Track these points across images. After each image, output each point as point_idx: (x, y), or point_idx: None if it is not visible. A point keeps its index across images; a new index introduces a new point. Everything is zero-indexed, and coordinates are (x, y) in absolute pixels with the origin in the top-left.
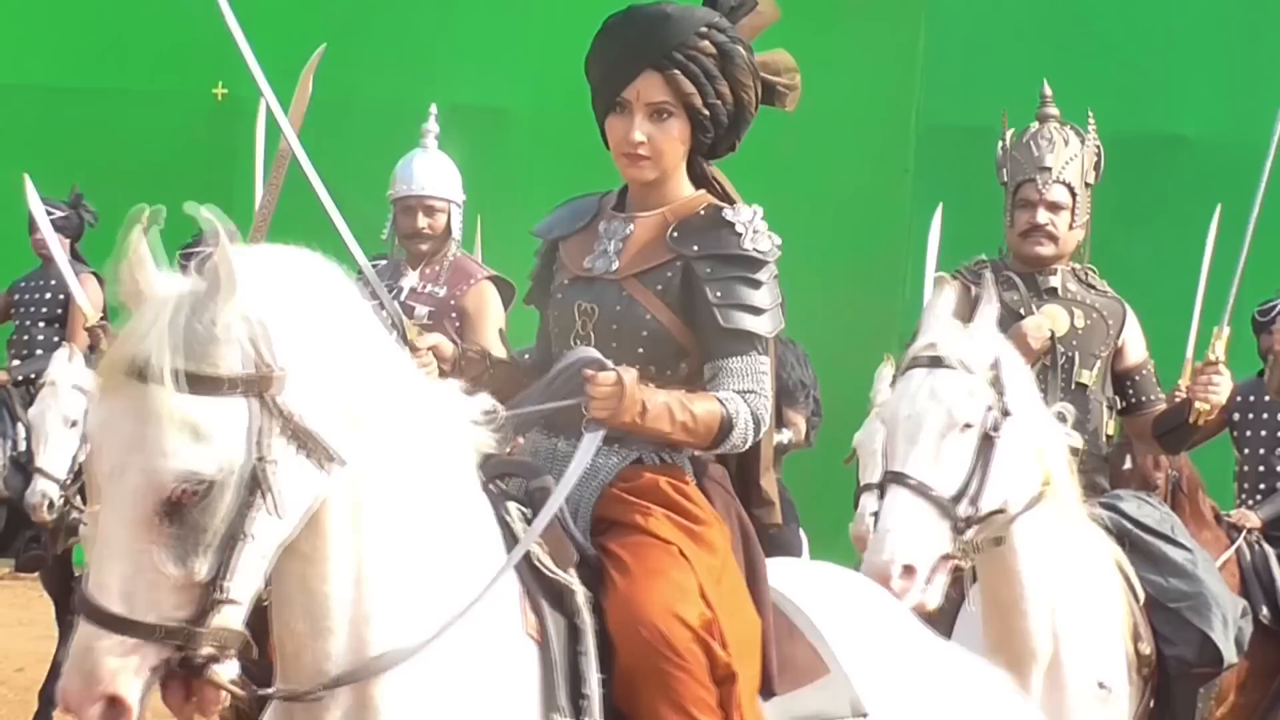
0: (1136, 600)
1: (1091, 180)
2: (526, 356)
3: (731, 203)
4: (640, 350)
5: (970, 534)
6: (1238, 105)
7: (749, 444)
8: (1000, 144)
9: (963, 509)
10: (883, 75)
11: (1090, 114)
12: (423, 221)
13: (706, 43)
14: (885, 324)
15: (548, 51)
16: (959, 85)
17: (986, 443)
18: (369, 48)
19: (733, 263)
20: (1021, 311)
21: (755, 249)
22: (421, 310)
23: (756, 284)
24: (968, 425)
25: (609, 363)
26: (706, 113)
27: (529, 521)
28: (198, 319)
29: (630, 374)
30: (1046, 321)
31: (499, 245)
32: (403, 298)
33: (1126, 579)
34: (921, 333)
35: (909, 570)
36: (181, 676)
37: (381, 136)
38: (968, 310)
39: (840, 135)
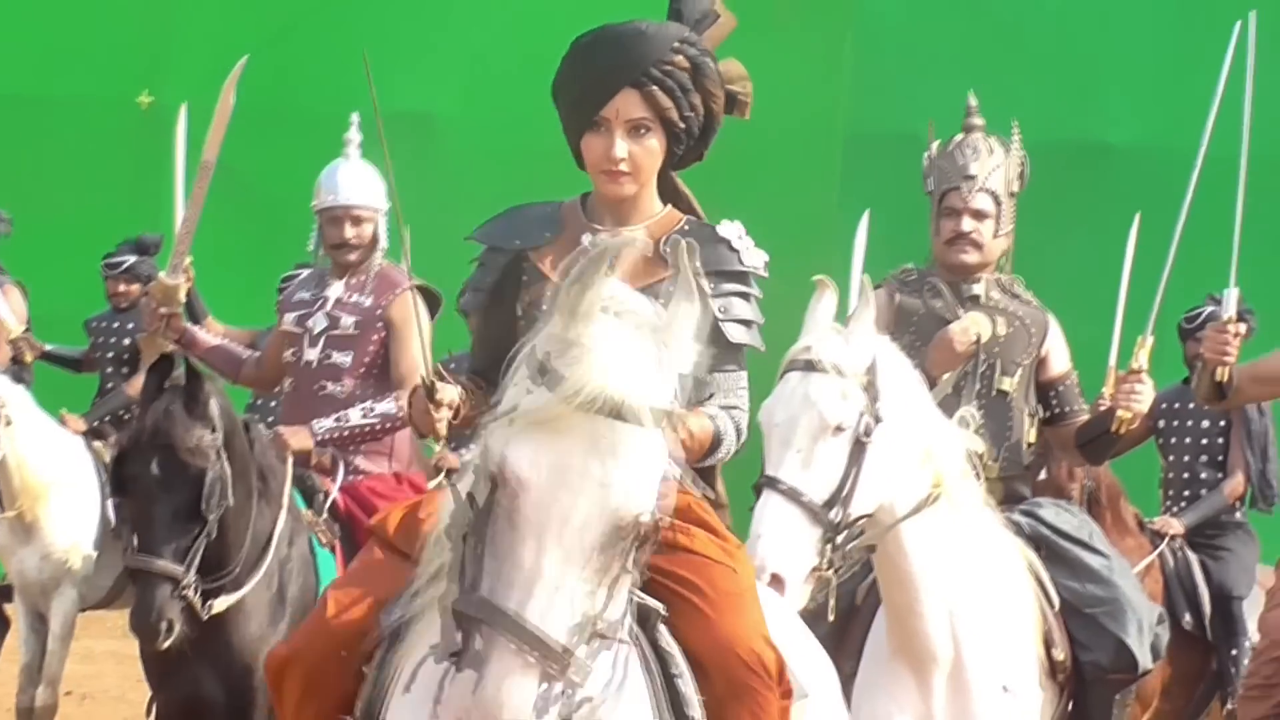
0: (1051, 606)
1: (1016, 189)
2: (453, 365)
3: (695, 214)
4: None
5: (841, 539)
6: (1162, 113)
7: (730, 457)
8: (926, 153)
9: (834, 514)
10: (810, 83)
11: (1015, 124)
12: (350, 232)
13: (681, 57)
14: None
15: (476, 58)
16: (886, 93)
17: (859, 447)
18: (298, 55)
19: (732, 278)
20: (947, 318)
21: (751, 265)
22: (348, 320)
23: (750, 298)
24: (839, 429)
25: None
26: (682, 126)
27: None
28: (660, 353)
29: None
30: (973, 326)
31: (426, 252)
32: (328, 308)
33: (1041, 584)
34: (801, 337)
35: (776, 579)
36: None
37: (312, 144)
38: (893, 318)
39: (768, 143)
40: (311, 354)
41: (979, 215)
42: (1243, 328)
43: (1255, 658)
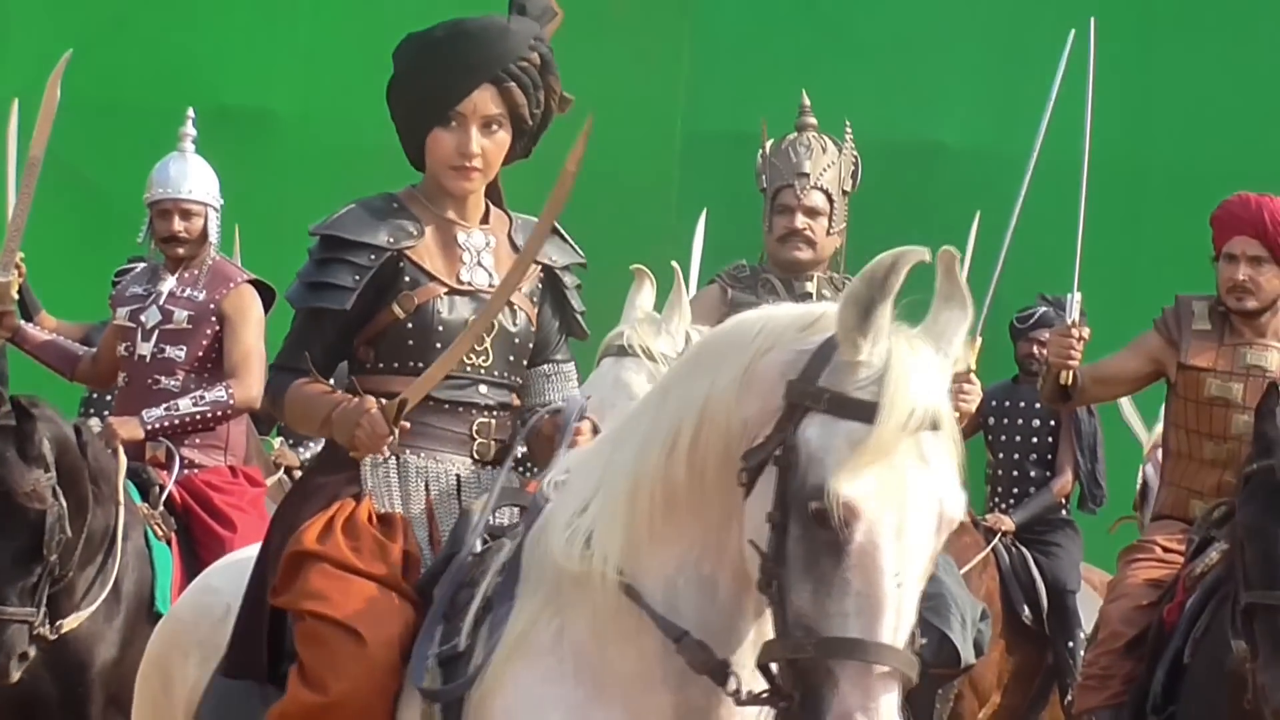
0: None
1: (849, 188)
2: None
3: (500, 206)
4: (513, 358)
5: None
6: (996, 114)
7: None
8: (760, 151)
9: None
10: (647, 82)
11: (847, 123)
12: (179, 225)
13: (535, 54)
14: None
15: (314, 53)
16: (723, 92)
17: None
18: (133, 48)
19: (576, 273)
20: None
21: (582, 257)
22: (181, 314)
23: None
24: None
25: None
26: (530, 122)
27: None
28: (940, 359)
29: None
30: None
31: (263, 246)
32: (161, 302)
33: None
34: (619, 324)
35: None
36: None
37: (146, 139)
38: (725, 314)
39: (605, 142)
40: (145, 348)
41: (812, 212)
42: (1086, 332)
43: (1095, 648)
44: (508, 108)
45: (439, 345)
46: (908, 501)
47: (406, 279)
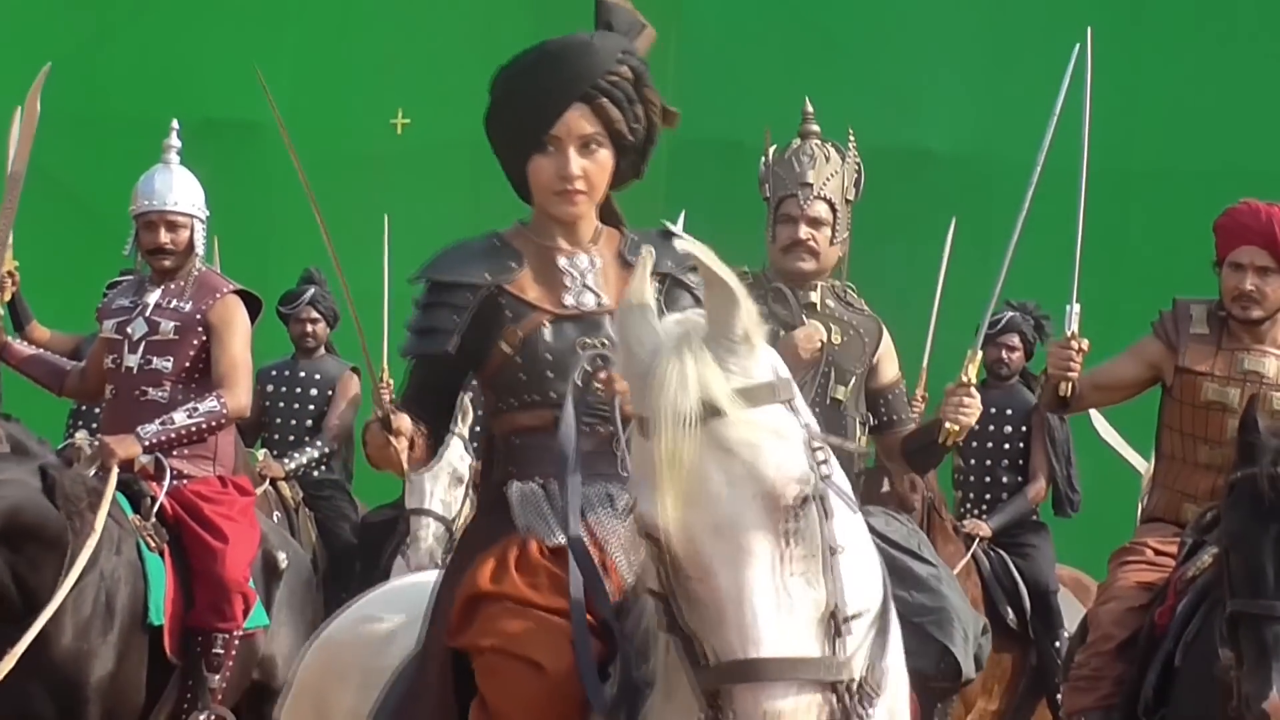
0: None
1: (852, 197)
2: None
3: (616, 225)
4: None
5: None
6: (982, 120)
7: None
8: (763, 160)
9: None
10: None
11: (850, 131)
12: (165, 237)
13: (625, 68)
14: None
15: (300, 66)
16: (710, 99)
17: None
18: (117, 61)
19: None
20: (792, 324)
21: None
22: (167, 325)
23: None
24: None
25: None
26: (630, 138)
27: None
28: (719, 342)
29: None
30: (817, 333)
31: (248, 257)
32: (147, 314)
33: None
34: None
35: None
36: None
37: (131, 151)
38: None
39: None
40: (132, 360)
41: (815, 223)
42: (1085, 343)
43: (1084, 649)
44: (603, 125)
45: (550, 374)
46: (713, 497)
47: (509, 314)
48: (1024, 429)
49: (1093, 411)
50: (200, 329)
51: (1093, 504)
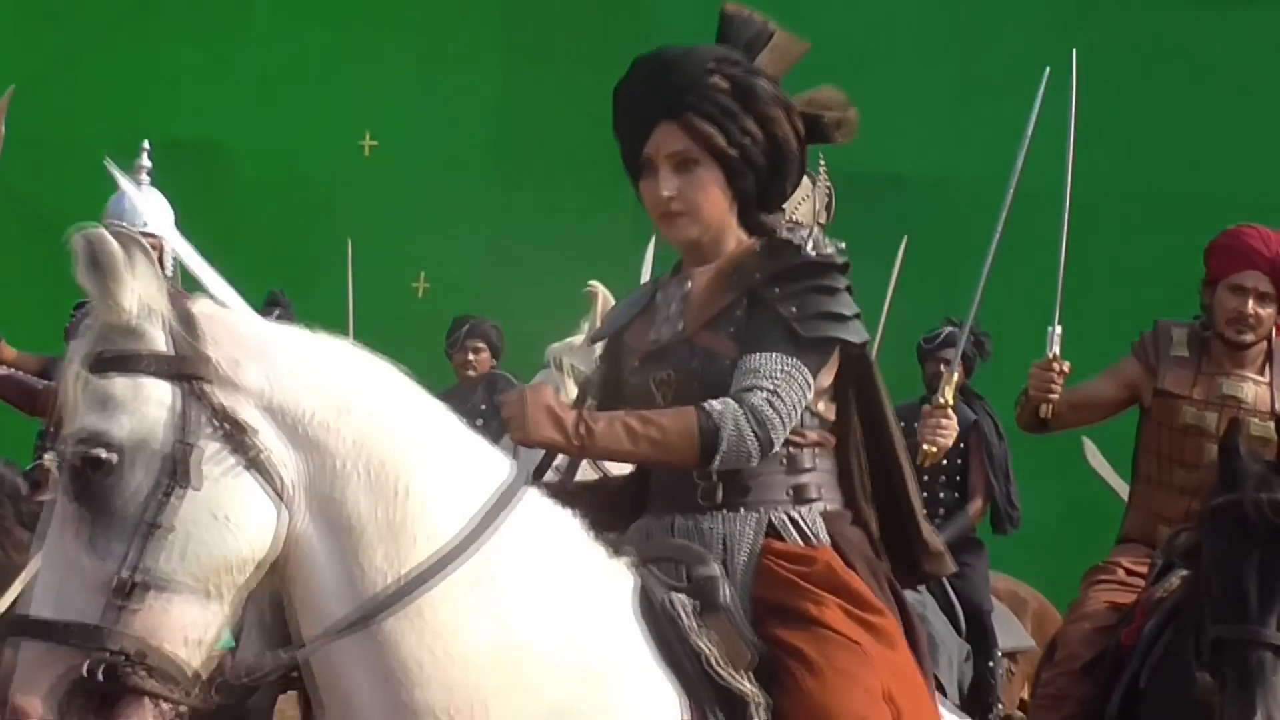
0: None
1: (824, 220)
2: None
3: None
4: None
5: None
6: (948, 143)
7: (758, 450)
8: None
9: None
10: (603, 110)
11: (821, 156)
12: None
13: (718, 78)
14: None
15: (267, 87)
16: None
17: None
18: (83, 85)
19: (802, 274)
20: None
21: (820, 254)
22: None
23: (833, 290)
24: None
25: (515, 383)
26: (735, 153)
27: (699, 615)
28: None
29: (536, 389)
30: None
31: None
32: None
33: None
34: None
35: None
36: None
37: (98, 173)
38: None
39: (563, 172)
40: None
41: None
42: (1066, 366)
43: (1052, 668)
44: (698, 141)
45: None
46: None
47: (620, 361)
48: (962, 445)
49: (1085, 439)
50: None
51: (1068, 525)
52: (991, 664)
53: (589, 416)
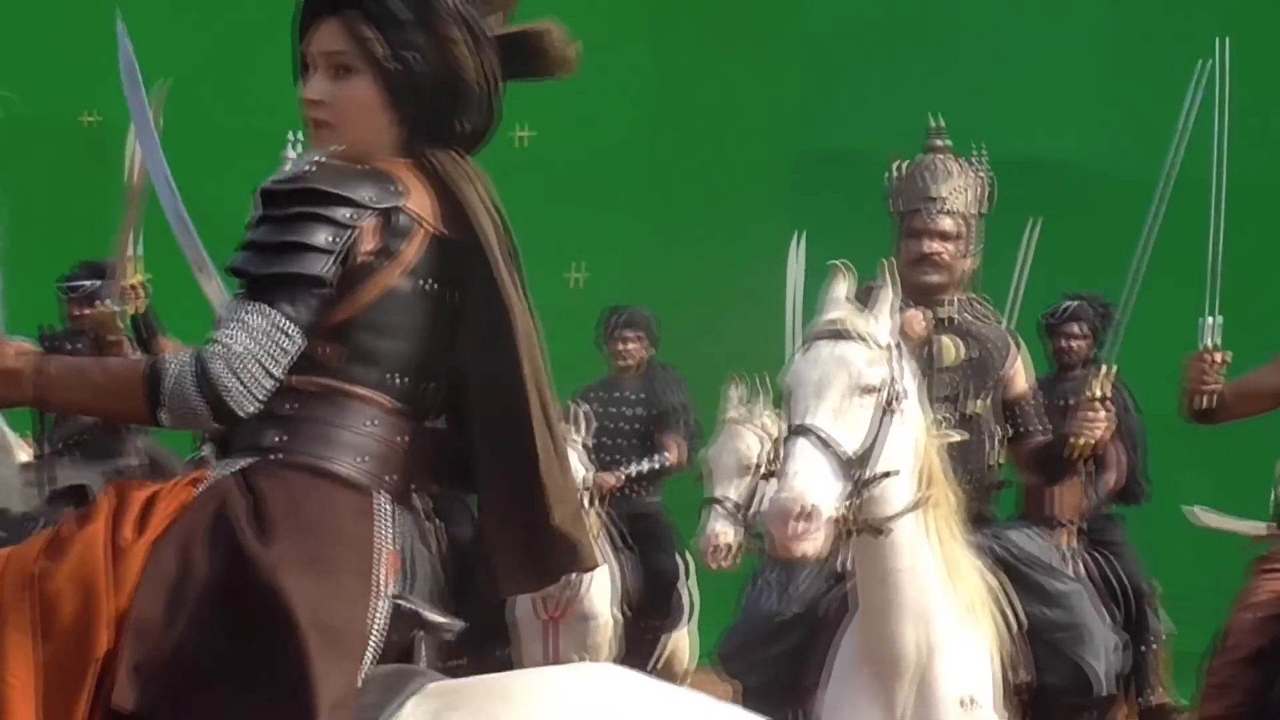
0: (1020, 628)
1: (983, 209)
2: None
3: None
4: None
5: (862, 497)
6: (1112, 132)
7: (204, 405)
8: (889, 174)
9: (858, 471)
10: (757, 101)
11: (982, 144)
12: None
13: None
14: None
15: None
16: (832, 111)
17: (886, 413)
18: (233, 76)
19: (262, 205)
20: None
21: (276, 181)
22: None
23: (290, 220)
24: (870, 389)
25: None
26: (397, 67)
27: None
28: None
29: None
30: (927, 313)
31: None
32: None
33: (1004, 605)
34: (823, 313)
35: (810, 512)
36: None
37: (251, 162)
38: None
39: (716, 164)
40: None
41: (943, 237)
42: (1226, 355)
43: (1219, 656)
44: (357, 45)
45: None
46: None
47: None
48: None
49: (1197, 508)
50: None
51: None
52: (1144, 649)
53: (52, 363)
